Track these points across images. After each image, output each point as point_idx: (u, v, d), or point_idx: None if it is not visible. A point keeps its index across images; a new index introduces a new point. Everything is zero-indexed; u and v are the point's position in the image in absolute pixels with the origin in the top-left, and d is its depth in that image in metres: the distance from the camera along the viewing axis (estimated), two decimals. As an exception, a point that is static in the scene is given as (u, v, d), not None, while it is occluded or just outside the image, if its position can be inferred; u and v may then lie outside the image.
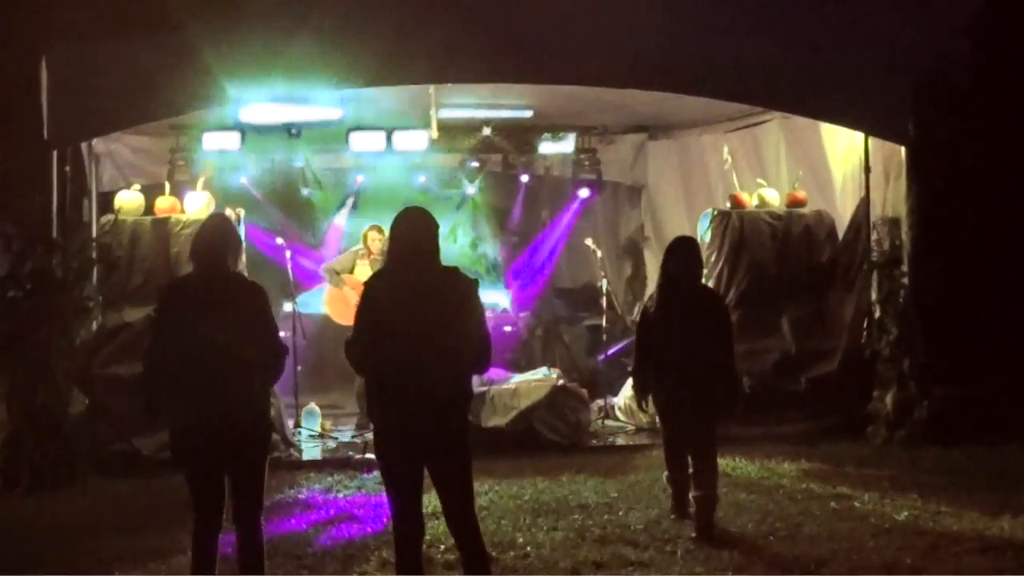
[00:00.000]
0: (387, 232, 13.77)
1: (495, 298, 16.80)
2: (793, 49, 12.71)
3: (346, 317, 14.18)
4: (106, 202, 13.70)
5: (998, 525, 9.26)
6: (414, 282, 6.96)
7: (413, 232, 7.08)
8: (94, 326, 12.69)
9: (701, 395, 9.16)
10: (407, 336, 6.85)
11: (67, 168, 12.20)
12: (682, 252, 9.43)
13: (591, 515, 9.85)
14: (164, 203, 13.42)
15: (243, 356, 7.15)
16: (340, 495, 10.96)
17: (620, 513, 9.82)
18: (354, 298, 13.96)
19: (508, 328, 16.95)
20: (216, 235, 7.54)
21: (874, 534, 9.08)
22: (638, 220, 18.22)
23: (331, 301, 14.54)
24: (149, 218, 13.26)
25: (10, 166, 11.78)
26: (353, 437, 13.65)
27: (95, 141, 13.79)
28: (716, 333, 9.33)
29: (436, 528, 8.51)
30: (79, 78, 11.91)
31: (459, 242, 17.92)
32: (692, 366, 9.10)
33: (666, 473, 9.72)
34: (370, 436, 13.14)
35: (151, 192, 13.78)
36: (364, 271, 14.19)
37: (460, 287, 7.09)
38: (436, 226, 7.16)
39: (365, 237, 14.54)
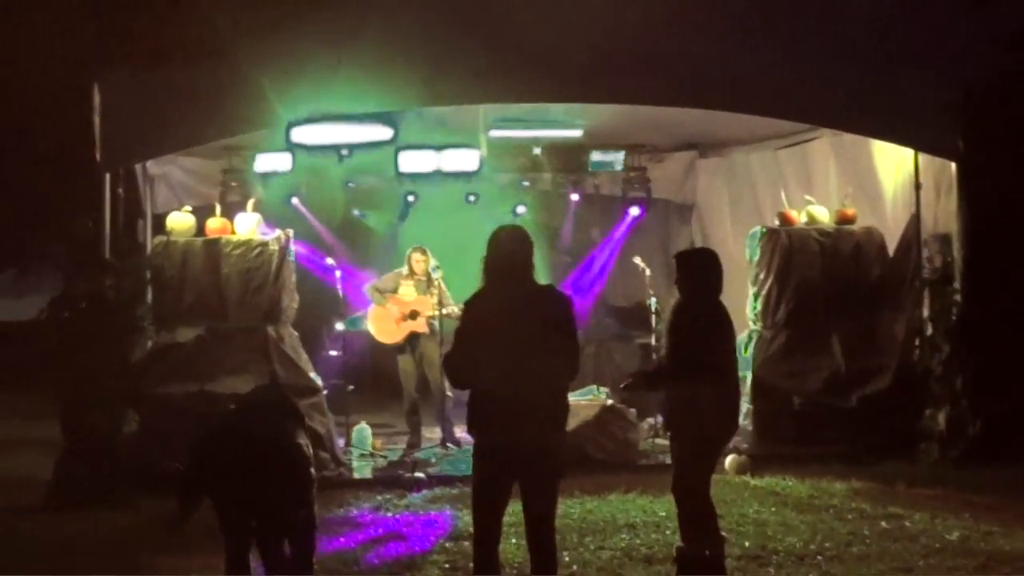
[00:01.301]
0: (429, 253, 14.01)
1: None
2: (843, 66, 12.66)
3: (389, 336, 14.33)
4: (160, 223, 13.83)
5: (1050, 545, 9.16)
6: (511, 299, 7.15)
7: (508, 250, 7.24)
8: (147, 346, 12.83)
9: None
10: (507, 353, 7.03)
11: (120, 190, 12.29)
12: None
13: (638, 534, 9.83)
14: (215, 224, 13.53)
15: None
16: (389, 514, 10.99)
17: (668, 532, 9.74)
18: (396, 315, 14.18)
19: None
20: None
21: (924, 554, 9.00)
22: (689, 238, 18.18)
23: (375, 320, 14.61)
24: (200, 239, 13.38)
25: (63, 189, 11.92)
26: (403, 457, 13.68)
27: (149, 163, 13.90)
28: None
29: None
30: (131, 102, 12.03)
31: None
32: None
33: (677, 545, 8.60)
34: (418, 455, 13.36)
35: (203, 213, 13.89)
36: (408, 291, 14.33)
37: (555, 303, 7.29)
38: (530, 243, 7.33)
39: (409, 258, 14.61)
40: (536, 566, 7.29)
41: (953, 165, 12.83)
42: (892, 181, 14.04)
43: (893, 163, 13.92)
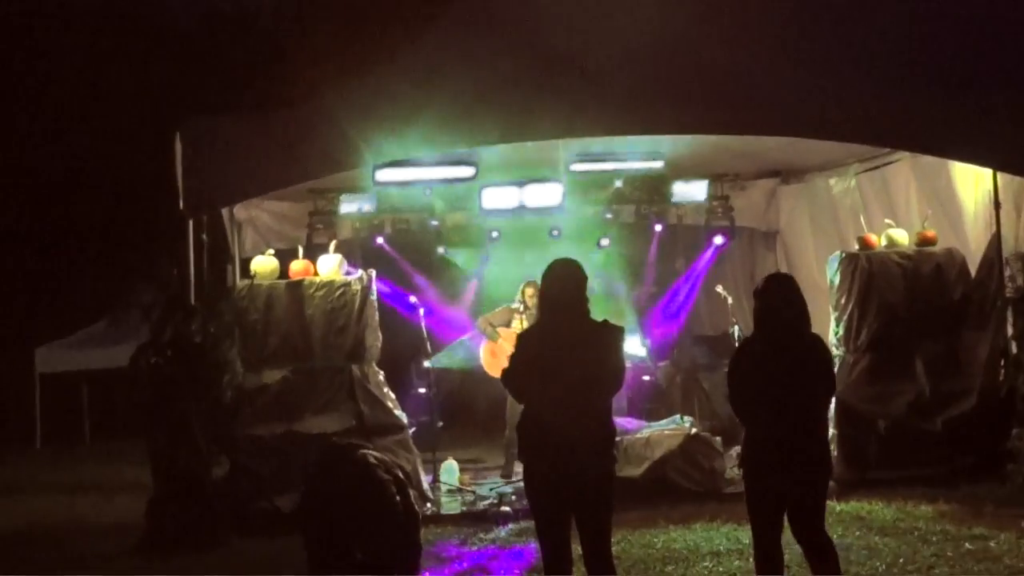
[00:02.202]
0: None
1: (632, 348, 16.80)
2: (920, 88, 12.60)
3: (499, 370, 14.41)
4: (248, 267, 14.04)
5: None
6: (565, 333, 7.33)
7: (561, 284, 7.46)
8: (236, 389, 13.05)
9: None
10: (558, 384, 7.20)
11: (204, 236, 12.51)
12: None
13: (721, 562, 9.86)
14: (298, 266, 13.72)
15: None
16: (474, 547, 11.12)
17: (751, 560, 9.68)
18: (509, 350, 14.28)
19: (646, 378, 17.02)
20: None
21: (1008, 575, 8.96)
22: (773, 264, 18.13)
23: (487, 354, 14.76)
24: (284, 281, 13.59)
25: (149, 237, 12.18)
26: (492, 489, 13.80)
27: (236, 208, 14.17)
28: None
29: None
30: (211, 148, 12.18)
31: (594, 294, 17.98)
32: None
33: None
34: (505, 490, 13.44)
35: (289, 256, 14.11)
36: (520, 326, 14.39)
37: (606, 335, 7.44)
38: (584, 277, 7.54)
39: (523, 292, 14.73)
40: None
41: (1032, 183, 12.73)
42: (972, 201, 13.93)
43: (972, 183, 13.81)
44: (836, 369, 13.32)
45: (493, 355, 14.67)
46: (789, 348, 7.69)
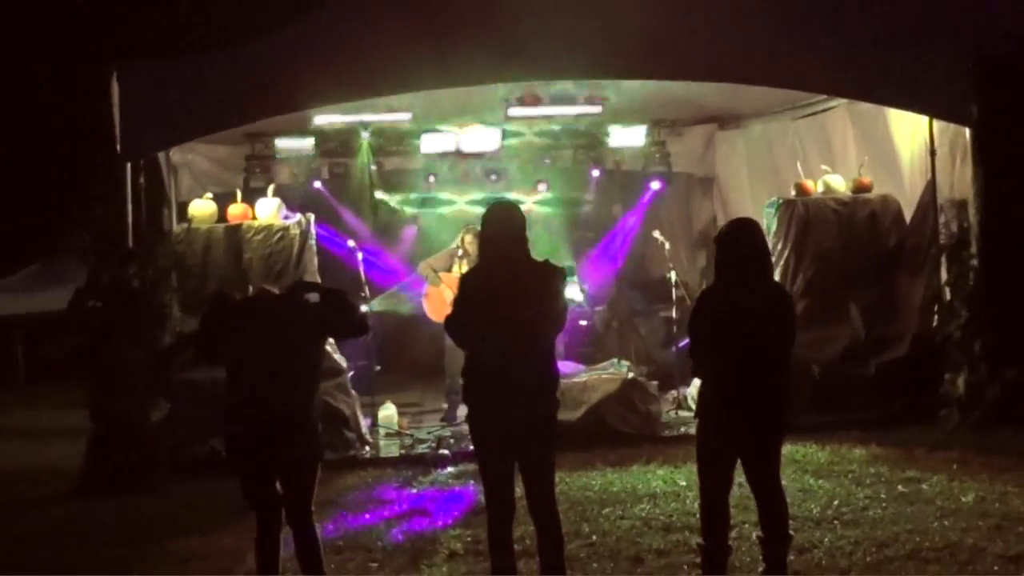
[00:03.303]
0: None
1: (569, 293, 16.83)
2: (856, 35, 12.71)
3: (441, 315, 14.36)
4: (185, 212, 13.94)
5: (1066, 503, 9.23)
6: (506, 275, 7.29)
7: (501, 227, 7.40)
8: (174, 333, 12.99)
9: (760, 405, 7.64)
10: (502, 327, 7.19)
11: (141, 180, 12.41)
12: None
13: (658, 504, 9.94)
14: (236, 210, 13.66)
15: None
16: (413, 490, 11.15)
17: (687, 501, 9.83)
18: (451, 295, 14.27)
19: (583, 322, 17.08)
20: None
21: (939, 516, 9.09)
22: (711, 211, 18.23)
23: (430, 300, 14.73)
24: (222, 225, 13.52)
25: (85, 180, 12.07)
26: (430, 432, 13.88)
27: (172, 152, 14.07)
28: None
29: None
30: (149, 91, 12.15)
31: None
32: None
33: (698, 540, 7.91)
34: (443, 433, 13.48)
35: (226, 200, 14.04)
36: (460, 271, 14.38)
37: (546, 276, 7.38)
38: (523, 218, 7.49)
39: (462, 240, 14.69)
40: (541, 540, 7.41)
41: (967, 131, 12.84)
42: (908, 148, 14.05)
43: (909, 130, 13.92)
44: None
45: (434, 300, 14.64)
46: (751, 297, 7.53)
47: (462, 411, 14.08)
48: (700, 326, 7.69)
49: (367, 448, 13.02)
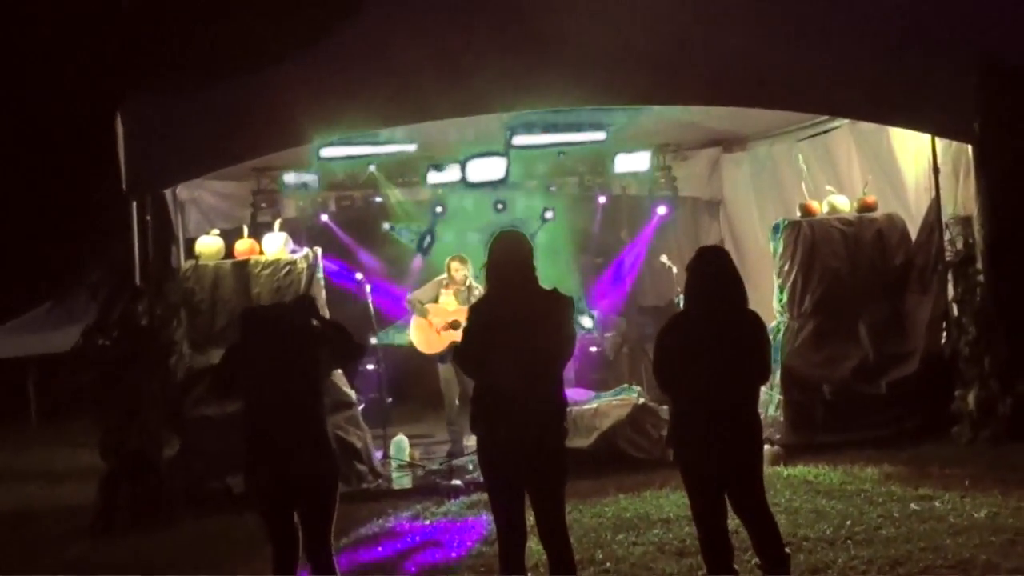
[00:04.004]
0: (469, 262, 14.13)
1: (579, 319, 16.84)
2: (856, 55, 12.76)
3: (432, 346, 14.41)
4: (193, 247, 13.97)
5: (1078, 518, 9.21)
6: (515, 303, 7.35)
7: (508, 256, 7.46)
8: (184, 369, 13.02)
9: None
10: (510, 355, 7.23)
11: (148, 217, 12.44)
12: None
13: (671, 529, 9.92)
14: (243, 246, 13.72)
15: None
16: (426, 522, 11.16)
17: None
18: (440, 326, 14.32)
19: (593, 349, 17.12)
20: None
21: (952, 533, 9.08)
22: (718, 234, 18.22)
23: (417, 330, 14.72)
24: (229, 261, 13.56)
25: (93, 218, 12.12)
26: (441, 464, 13.84)
27: (179, 189, 14.11)
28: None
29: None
30: (153, 129, 12.16)
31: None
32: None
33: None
34: (456, 463, 13.49)
35: (234, 236, 14.08)
36: (448, 300, 14.41)
37: (555, 305, 7.44)
38: (529, 246, 7.56)
39: (448, 267, 14.69)
40: (554, 567, 7.45)
41: (970, 148, 12.87)
42: (912, 167, 14.08)
43: (912, 149, 13.94)
44: (781, 335, 13.53)
45: (422, 331, 14.62)
46: (721, 324, 7.46)
47: (470, 441, 14.18)
48: (668, 358, 7.61)
49: (380, 480, 13.03)
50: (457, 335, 13.84)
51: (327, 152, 14.55)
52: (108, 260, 12.25)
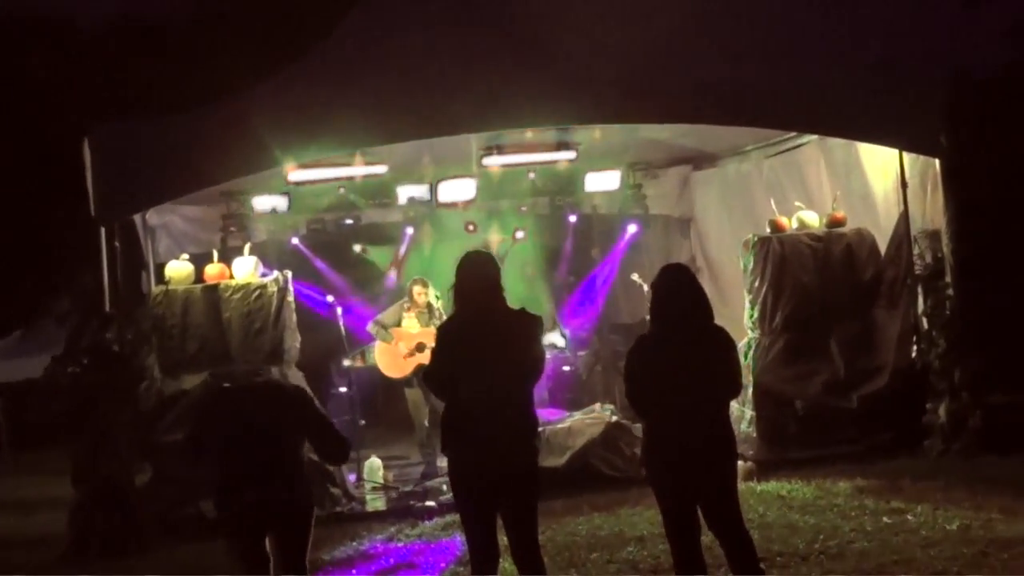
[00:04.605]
0: (431, 285, 14.16)
1: (551, 339, 16.84)
2: (821, 72, 12.83)
3: (398, 370, 14.40)
4: (163, 273, 13.91)
5: (1050, 529, 9.23)
6: (483, 324, 7.34)
7: (475, 277, 7.47)
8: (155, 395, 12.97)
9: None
10: (480, 376, 7.24)
11: (116, 243, 12.40)
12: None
13: (645, 546, 9.90)
14: (213, 270, 13.68)
15: None
16: (400, 543, 11.14)
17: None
18: (406, 351, 14.31)
19: (566, 368, 17.11)
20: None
21: (924, 545, 9.10)
22: (689, 251, 18.29)
23: (381, 356, 14.70)
24: (200, 286, 13.49)
25: (62, 245, 12.08)
26: (415, 487, 13.79)
27: (149, 214, 14.05)
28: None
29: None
30: (121, 154, 12.17)
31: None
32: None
33: None
34: (429, 484, 13.46)
35: (204, 260, 14.04)
36: (411, 323, 14.41)
37: (523, 324, 7.47)
38: (497, 267, 7.57)
39: (410, 291, 14.71)
40: None
41: (937, 161, 12.92)
42: (881, 181, 14.12)
43: (880, 163, 13.98)
44: (753, 351, 13.54)
45: (386, 355, 14.60)
46: (687, 342, 7.43)
47: (443, 462, 14.12)
48: (637, 378, 7.57)
49: (353, 503, 12.98)
50: (424, 357, 13.86)
51: (295, 176, 14.53)
52: (78, 287, 12.21)
